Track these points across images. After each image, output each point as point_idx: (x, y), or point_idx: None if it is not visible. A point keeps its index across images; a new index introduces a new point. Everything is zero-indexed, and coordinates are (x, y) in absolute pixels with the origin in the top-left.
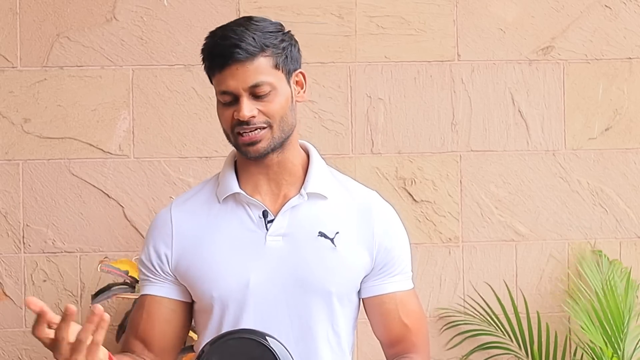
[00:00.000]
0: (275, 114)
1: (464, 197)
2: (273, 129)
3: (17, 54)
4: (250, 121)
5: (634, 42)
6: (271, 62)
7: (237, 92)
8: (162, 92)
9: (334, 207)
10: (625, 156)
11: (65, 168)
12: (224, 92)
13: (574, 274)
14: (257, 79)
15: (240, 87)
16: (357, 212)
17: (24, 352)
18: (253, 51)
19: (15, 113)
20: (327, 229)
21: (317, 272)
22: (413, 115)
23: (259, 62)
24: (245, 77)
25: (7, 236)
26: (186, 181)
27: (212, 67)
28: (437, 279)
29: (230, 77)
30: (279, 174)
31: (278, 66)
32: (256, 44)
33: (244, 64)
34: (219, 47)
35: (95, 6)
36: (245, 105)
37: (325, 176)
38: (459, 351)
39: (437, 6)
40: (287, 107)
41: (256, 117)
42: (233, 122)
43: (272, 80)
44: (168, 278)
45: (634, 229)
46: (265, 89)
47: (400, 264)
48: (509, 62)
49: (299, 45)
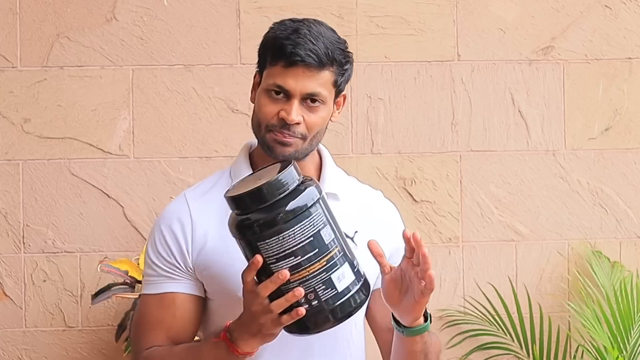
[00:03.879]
0: (315, 127)
1: (464, 197)
2: (305, 142)
3: (17, 54)
4: (292, 127)
5: (634, 42)
6: (332, 78)
7: (294, 93)
8: (162, 92)
9: (348, 206)
10: (625, 156)
11: (65, 168)
12: (279, 87)
13: (576, 274)
14: (315, 89)
15: (299, 90)
16: (368, 211)
17: (24, 352)
18: (325, 61)
19: (15, 113)
20: (346, 228)
21: None
22: (413, 115)
23: (324, 74)
24: (308, 82)
25: (7, 236)
26: (186, 181)
27: (278, 59)
28: (437, 279)
29: (292, 77)
30: None
31: (336, 84)
32: (329, 55)
33: (312, 70)
34: (292, 43)
35: (95, 6)
36: (295, 108)
37: (338, 176)
38: (459, 351)
39: (437, 6)
40: (325, 123)
41: (299, 125)
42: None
43: (326, 95)
44: (190, 274)
45: (634, 229)
46: (318, 100)
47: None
48: (509, 62)
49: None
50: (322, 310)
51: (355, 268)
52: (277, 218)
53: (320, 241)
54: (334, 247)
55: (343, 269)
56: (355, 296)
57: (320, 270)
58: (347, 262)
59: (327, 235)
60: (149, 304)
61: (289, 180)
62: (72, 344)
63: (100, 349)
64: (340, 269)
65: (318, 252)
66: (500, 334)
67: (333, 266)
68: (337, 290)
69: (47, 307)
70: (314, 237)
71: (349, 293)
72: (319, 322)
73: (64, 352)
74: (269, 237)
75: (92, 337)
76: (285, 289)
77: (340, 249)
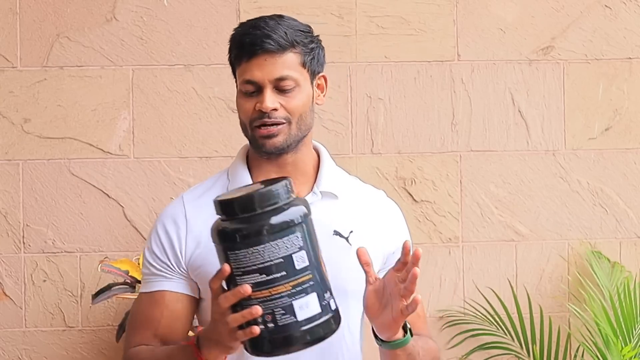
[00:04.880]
0: (296, 111)
1: (464, 197)
2: (291, 126)
3: (17, 54)
4: (271, 114)
5: (634, 42)
6: (299, 59)
7: (262, 82)
8: (162, 92)
9: (346, 206)
10: (625, 156)
11: (65, 168)
12: (248, 82)
13: (576, 274)
14: (283, 72)
15: (266, 78)
16: (368, 211)
17: (24, 352)
18: (284, 44)
19: (15, 113)
20: (342, 227)
21: (333, 271)
22: (413, 115)
23: (287, 56)
24: (273, 68)
25: (7, 236)
26: (186, 181)
27: (240, 55)
28: (437, 279)
29: (257, 67)
30: (292, 174)
31: (305, 65)
32: (287, 38)
33: (274, 55)
34: (250, 36)
35: (95, 6)
36: (268, 96)
37: (336, 176)
38: (460, 351)
39: (437, 6)
40: (307, 106)
41: (277, 111)
42: (253, 114)
43: (297, 77)
44: (183, 273)
45: (634, 229)
46: (290, 83)
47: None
48: (509, 62)
49: (324, 51)
50: (277, 334)
51: (325, 301)
52: (253, 231)
53: (289, 265)
54: (304, 274)
55: (308, 298)
56: (316, 328)
57: (283, 294)
58: (315, 292)
59: (300, 260)
60: (141, 301)
61: (277, 195)
62: (72, 344)
63: (100, 349)
64: (306, 298)
65: (285, 276)
66: (501, 333)
67: (298, 293)
68: (295, 319)
69: (47, 307)
70: (284, 260)
71: (309, 324)
72: (273, 345)
73: (64, 352)
74: (240, 248)
75: (92, 337)
76: (245, 304)
77: (313, 278)
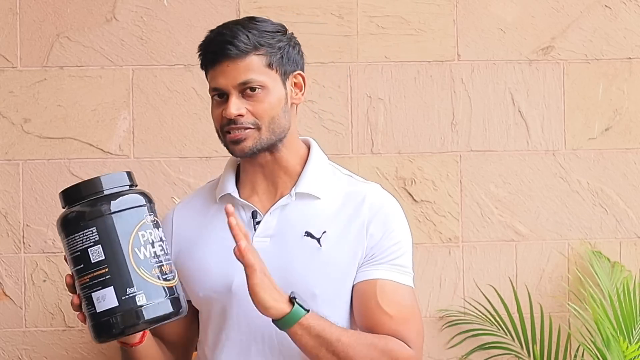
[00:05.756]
0: (264, 114)
1: (464, 197)
2: (261, 130)
3: (17, 54)
4: (237, 120)
5: (634, 42)
6: (264, 61)
7: (227, 89)
8: (162, 92)
9: (326, 206)
10: (625, 156)
11: (65, 168)
12: (215, 89)
13: (576, 273)
14: (246, 77)
15: (230, 84)
16: (351, 208)
17: (24, 352)
18: (244, 49)
19: (15, 113)
20: (315, 228)
21: (301, 273)
22: (413, 115)
23: (250, 60)
24: (235, 74)
25: (7, 236)
26: (186, 181)
27: (205, 63)
28: (437, 279)
29: (220, 74)
30: (275, 172)
31: (272, 66)
32: (249, 42)
33: (235, 61)
34: (213, 44)
35: (95, 6)
36: (232, 103)
37: (322, 175)
38: (460, 351)
39: (437, 6)
40: (278, 108)
41: (244, 117)
42: (222, 121)
43: (263, 80)
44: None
45: (634, 229)
46: (257, 87)
47: (388, 254)
48: (509, 62)
49: (300, 47)
50: (90, 323)
51: (127, 295)
52: (63, 222)
53: (86, 258)
54: (100, 268)
55: (105, 292)
56: (117, 322)
57: (84, 286)
58: (113, 286)
59: (96, 254)
60: None
61: (81, 190)
62: (72, 344)
63: (100, 349)
64: (102, 291)
65: (83, 268)
66: (501, 333)
67: (94, 286)
68: (95, 310)
69: (47, 307)
70: (81, 253)
71: (107, 316)
72: (94, 332)
73: (64, 352)
74: (61, 237)
75: None
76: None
77: (110, 272)
